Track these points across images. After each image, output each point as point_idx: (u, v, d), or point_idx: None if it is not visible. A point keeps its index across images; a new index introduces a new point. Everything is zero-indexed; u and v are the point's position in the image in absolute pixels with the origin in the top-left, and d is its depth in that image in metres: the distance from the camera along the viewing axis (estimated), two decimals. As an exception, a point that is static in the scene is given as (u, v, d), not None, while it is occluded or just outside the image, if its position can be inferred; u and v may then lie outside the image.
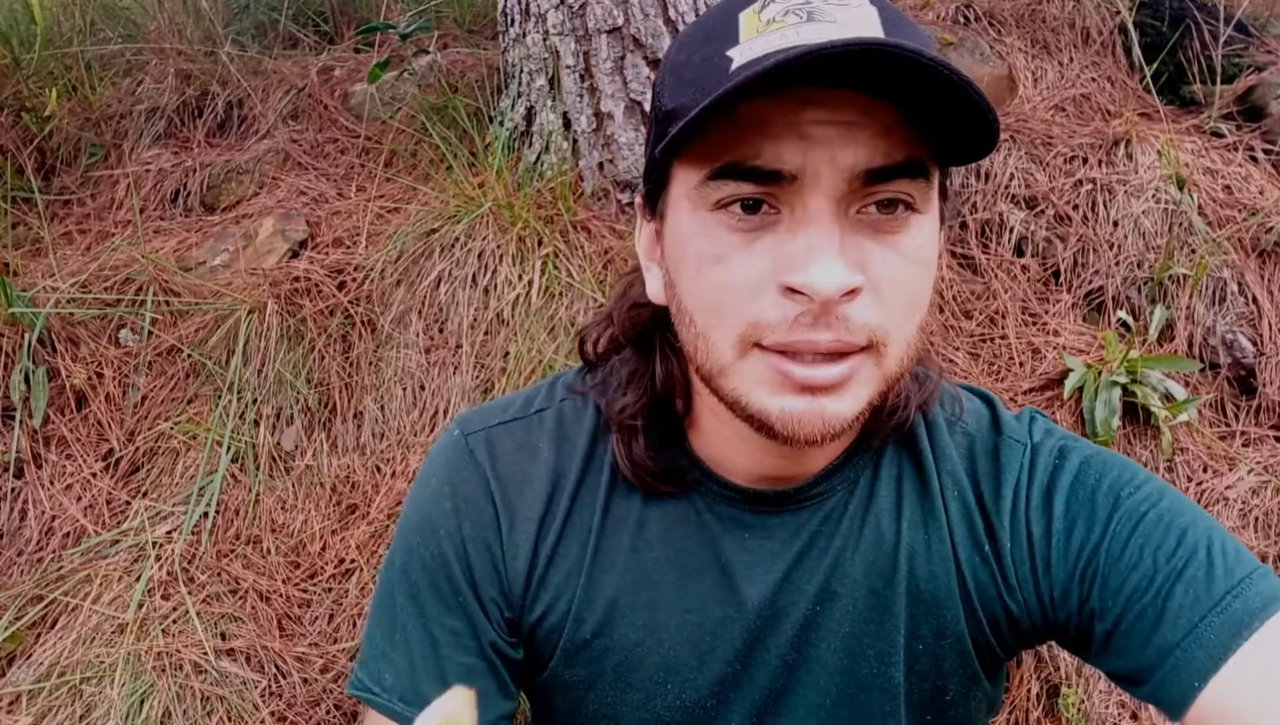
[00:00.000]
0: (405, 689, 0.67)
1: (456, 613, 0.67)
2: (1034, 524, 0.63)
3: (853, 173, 0.50)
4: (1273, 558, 1.51)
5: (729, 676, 0.68)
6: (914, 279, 0.54)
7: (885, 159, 0.50)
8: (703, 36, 0.55)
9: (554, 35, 1.75)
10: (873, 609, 0.66)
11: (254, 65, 2.31)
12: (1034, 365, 1.65)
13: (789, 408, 0.53)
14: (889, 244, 0.52)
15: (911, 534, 0.65)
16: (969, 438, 0.68)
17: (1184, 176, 1.83)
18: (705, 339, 0.55)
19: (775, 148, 0.50)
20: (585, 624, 0.67)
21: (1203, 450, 1.60)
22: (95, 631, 1.39)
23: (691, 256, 0.55)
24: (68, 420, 1.65)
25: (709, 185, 0.52)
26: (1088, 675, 1.41)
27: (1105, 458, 0.65)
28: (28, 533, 1.56)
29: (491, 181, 1.73)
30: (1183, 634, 0.55)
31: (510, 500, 0.68)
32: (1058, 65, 2.14)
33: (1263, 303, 1.73)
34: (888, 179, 0.51)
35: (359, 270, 1.74)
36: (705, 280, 0.54)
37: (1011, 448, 0.66)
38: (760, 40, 0.50)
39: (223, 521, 1.54)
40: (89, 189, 2.14)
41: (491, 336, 1.62)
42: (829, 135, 0.49)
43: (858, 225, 0.52)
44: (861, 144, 0.50)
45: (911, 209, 0.52)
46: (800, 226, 0.51)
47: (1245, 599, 0.55)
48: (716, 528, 0.66)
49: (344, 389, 1.66)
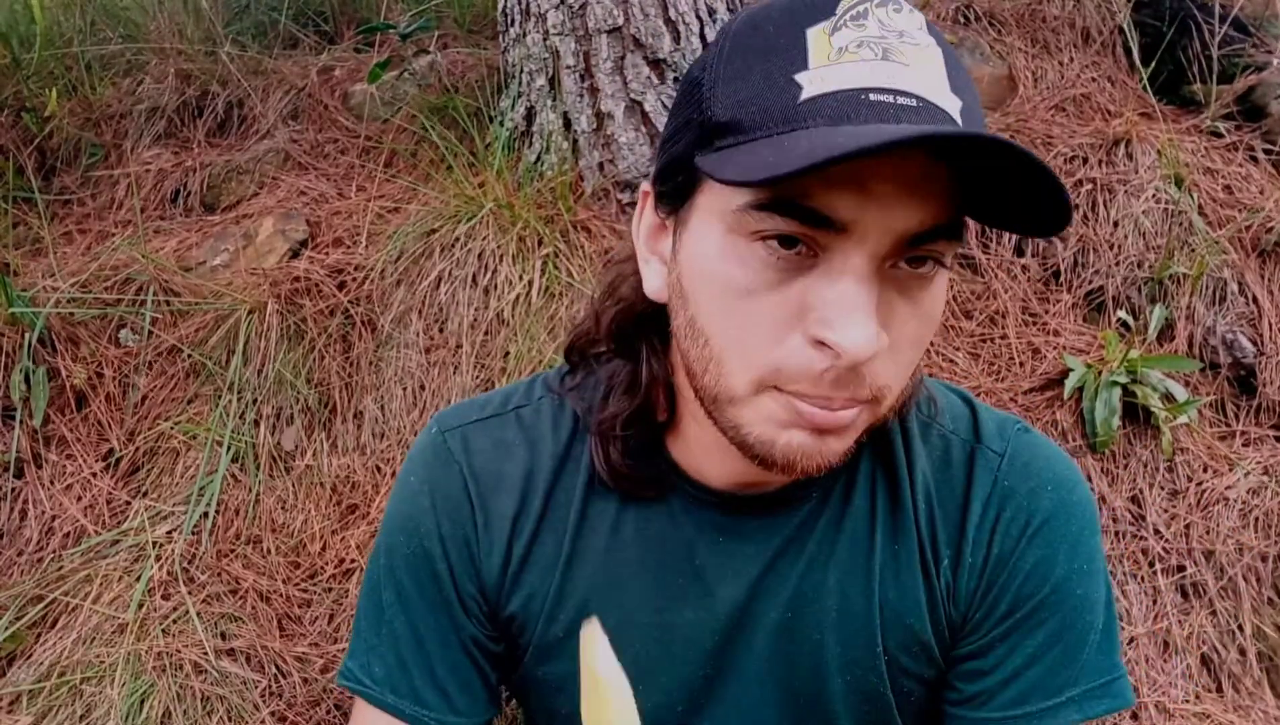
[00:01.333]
0: (396, 682, 0.68)
1: (440, 609, 0.69)
2: (995, 544, 0.65)
3: (903, 236, 0.48)
4: (1273, 558, 1.51)
5: (700, 679, 0.68)
6: (926, 336, 0.54)
7: (935, 221, 0.49)
8: (764, 47, 0.50)
9: (554, 35, 1.75)
10: (845, 616, 0.66)
11: (254, 65, 2.31)
12: (1034, 365, 1.65)
13: (795, 443, 0.53)
14: (912, 301, 0.52)
15: (884, 542, 0.66)
16: (944, 441, 0.68)
17: (1184, 176, 1.83)
18: (720, 365, 0.53)
19: (829, 194, 0.47)
20: (557, 622, 0.68)
21: (1203, 450, 1.60)
22: (95, 631, 1.39)
23: (719, 281, 0.52)
24: (68, 420, 1.65)
25: (750, 213, 0.49)
26: None
27: (1074, 503, 0.66)
28: (28, 533, 1.56)
29: (492, 181, 1.73)
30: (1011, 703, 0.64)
31: (485, 498, 0.68)
32: (1058, 65, 2.14)
33: (1263, 302, 1.73)
34: (931, 241, 0.50)
35: (359, 270, 1.74)
36: (730, 309, 0.52)
37: (985, 462, 0.66)
38: (833, 72, 0.48)
39: (223, 521, 1.54)
40: (89, 189, 2.14)
41: (492, 336, 1.62)
42: (887, 193, 0.47)
43: (888, 281, 0.50)
44: (915, 208, 0.48)
45: (939, 264, 0.52)
46: (837, 277, 0.49)
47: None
48: (691, 530, 0.66)
49: (344, 389, 1.66)
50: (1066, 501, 0.65)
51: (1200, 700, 1.43)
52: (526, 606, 0.68)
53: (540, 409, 0.71)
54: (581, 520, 0.68)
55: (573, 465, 0.68)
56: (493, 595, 0.69)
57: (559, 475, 0.68)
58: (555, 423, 0.70)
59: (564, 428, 0.70)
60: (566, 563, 0.67)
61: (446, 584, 0.68)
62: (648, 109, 1.73)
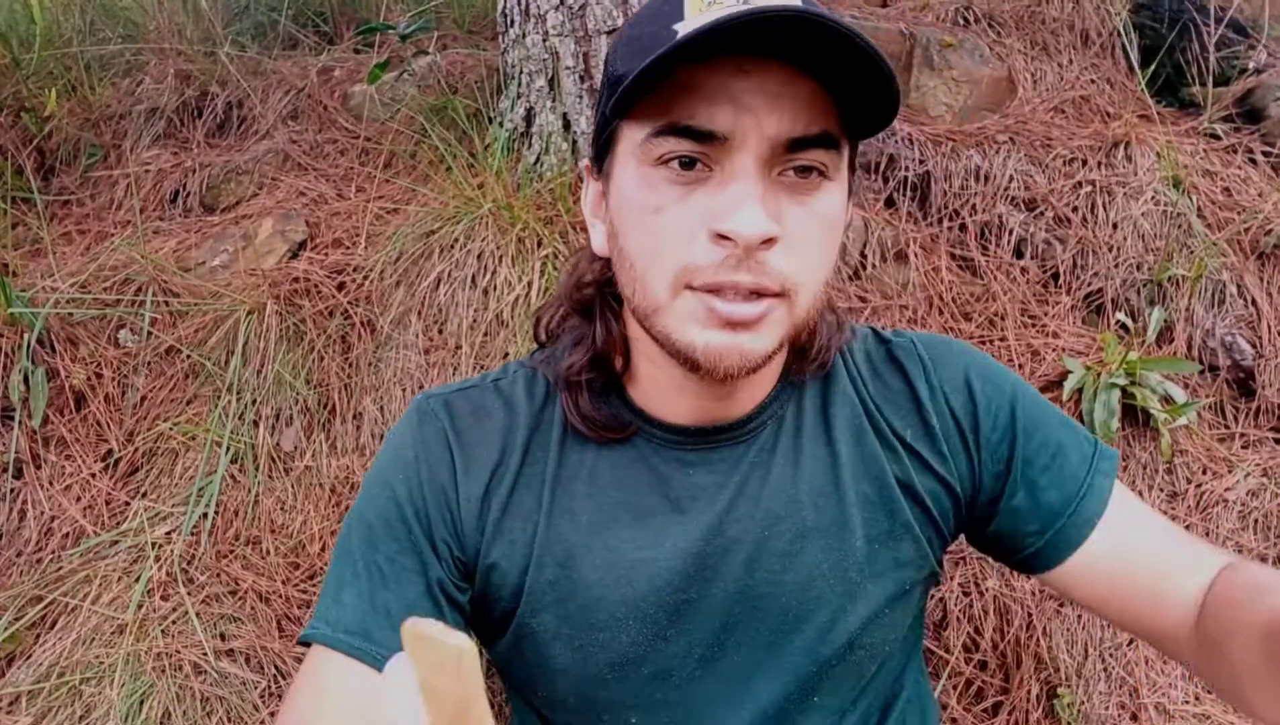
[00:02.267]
0: (350, 622, 0.69)
1: (407, 550, 0.71)
2: (953, 400, 0.75)
3: (776, 140, 0.58)
4: (1273, 559, 1.52)
5: (685, 604, 0.72)
6: (822, 237, 0.62)
7: (804, 130, 0.58)
8: (652, 14, 0.61)
9: (554, 36, 1.75)
10: (824, 524, 0.72)
11: (254, 66, 2.31)
12: (1033, 367, 1.65)
13: (713, 342, 0.61)
14: (803, 204, 0.60)
15: (847, 448, 0.74)
16: (864, 353, 0.78)
17: (1183, 178, 1.83)
18: (643, 281, 0.62)
19: (710, 111, 0.57)
20: (546, 568, 0.72)
21: (1202, 452, 1.60)
22: (95, 632, 1.39)
23: (635, 206, 0.62)
24: (67, 421, 1.65)
25: (651, 141, 0.59)
26: (1086, 676, 1.42)
27: (966, 346, 0.80)
28: (27, 533, 1.56)
29: (491, 182, 1.74)
30: (1067, 502, 0.73)
31: (465, 450, 0.73)
32: (1057, 67, 2.14)
33: (1262, 305, 1.73)
34: (805, 148, 0.59)
35: (358, 271, 1.74)
36: (645, 227, 0.61)
37: (902, 348, 0.78)
38: (702, 16, 0.56)
39: (222, 522, 1.54)
40: (88, 189, 2.14)
41: (491, 337, 1.62)
42: (757, 103, 0.57)
43: (777, 185, 0.60)
44: (785, 114, 0.57)
45: (824, 176, 0.61)
46: (729, 181, 0.58)
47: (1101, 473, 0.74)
48: (663, 468, 0.73)
49: (343, 390, 1.66)
50: (964, 347, 0.79)
51: (1200, 701, 1.43)
52: (510, 554, 0.72)
53: (516, 379, 0.78)
54: (559, 468, 0.73)
55: (546, 424, 0.75)
56: (470, 542, 0.72)
57: (534, 432, 0.75)
58: (529, 389, 0.77)
59: (538, 392, 0.76)
60: (549, 510, 0.72)
61: (415, 526, 0.71)
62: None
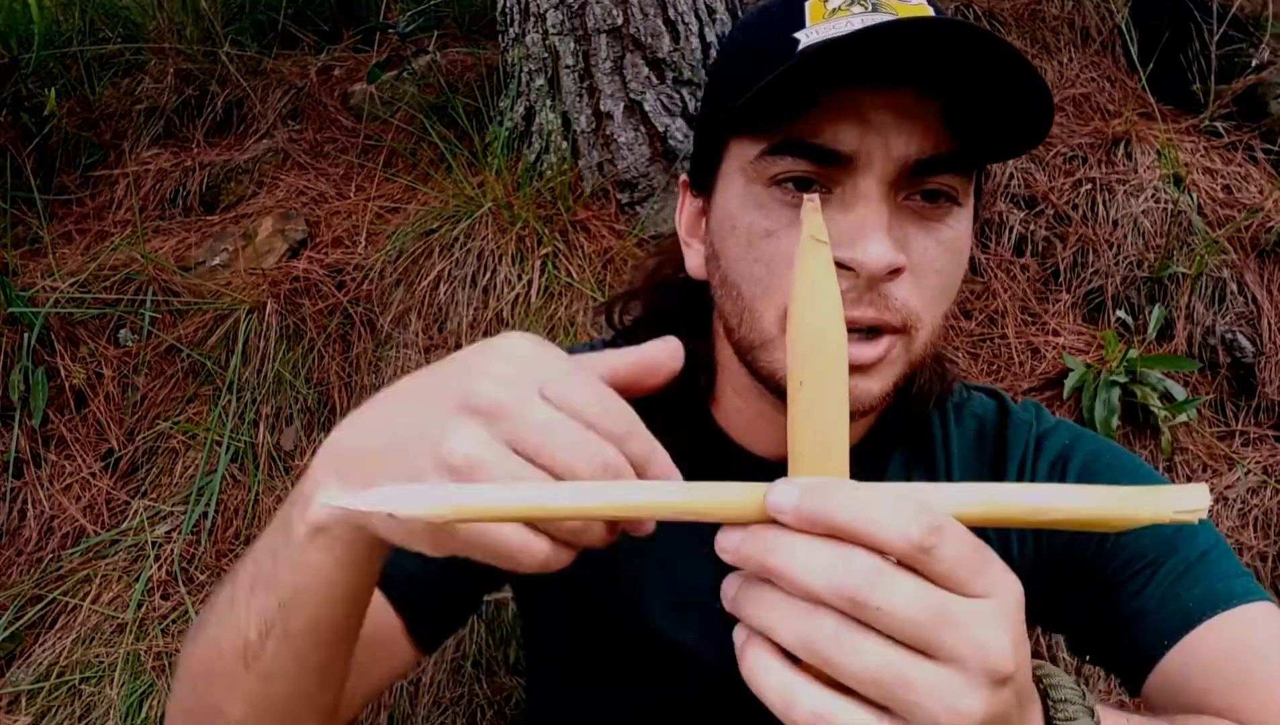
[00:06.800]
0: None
1: None
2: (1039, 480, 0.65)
3: (904, 161, 0.52)
4: (1272, 557, 1.51)
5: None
6: (949, 268, 0.57)
7: (934, 149, 0.52)
8: (766, 20, 0.56)
9: (553, 35, 1.75)
10: None
11: (253, 65, 2.31)
12: (1033, 365, 1.65)
13: None
14: (930, 232, 0.55)
15: None
16: (977, 421, 0.71)
17: (1183, 176, 1.83)
18: (751, 311, 0.57)
19: (834, 129, 0.52)
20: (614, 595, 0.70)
21: (1202, 450, 1.60)
22: (94, 631, 1.39)
23: (742, 229, 0.56)
24: (67, 420, 1.65)
25: (765, 160, 0.54)
26: (1086, 675, 1.41)
27: (1116, 451, 0.67)
28: (27, 532, 1.56)
29: (491, 181, 1.73)
30: (1158, 601, 0.59)
31: None
32: (1057, 65, 2.13)
33: (1262, 302, 1.73)
34: (935, 171, 0.53)
35: (358, 270, 1.74)
36: (754, 253, 0.56)
37: (1018, 430, 0.69)
38: (826, 25, 0.52)
39: (222, 521, 1.54)
40: (88, 189, 2.14)
41: (491, 336, 1.62)
42: (885, 121, 0.51)
43: (903, 211, 0.54)
44: (914, 134, 0.52)
45: (953, 201, 0.55)
46: (851, 206, 0.53)
47: (1224, 582, 0.59)
48: None
49: (343, 389, 1.66)
50: (1108, 445, 0.67)
51: (1199, 700, 1.43)
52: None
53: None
54: None
55: None
56: None
57: None
58: None
59: None
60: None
61: None
62: (647, 109, 1.74)
